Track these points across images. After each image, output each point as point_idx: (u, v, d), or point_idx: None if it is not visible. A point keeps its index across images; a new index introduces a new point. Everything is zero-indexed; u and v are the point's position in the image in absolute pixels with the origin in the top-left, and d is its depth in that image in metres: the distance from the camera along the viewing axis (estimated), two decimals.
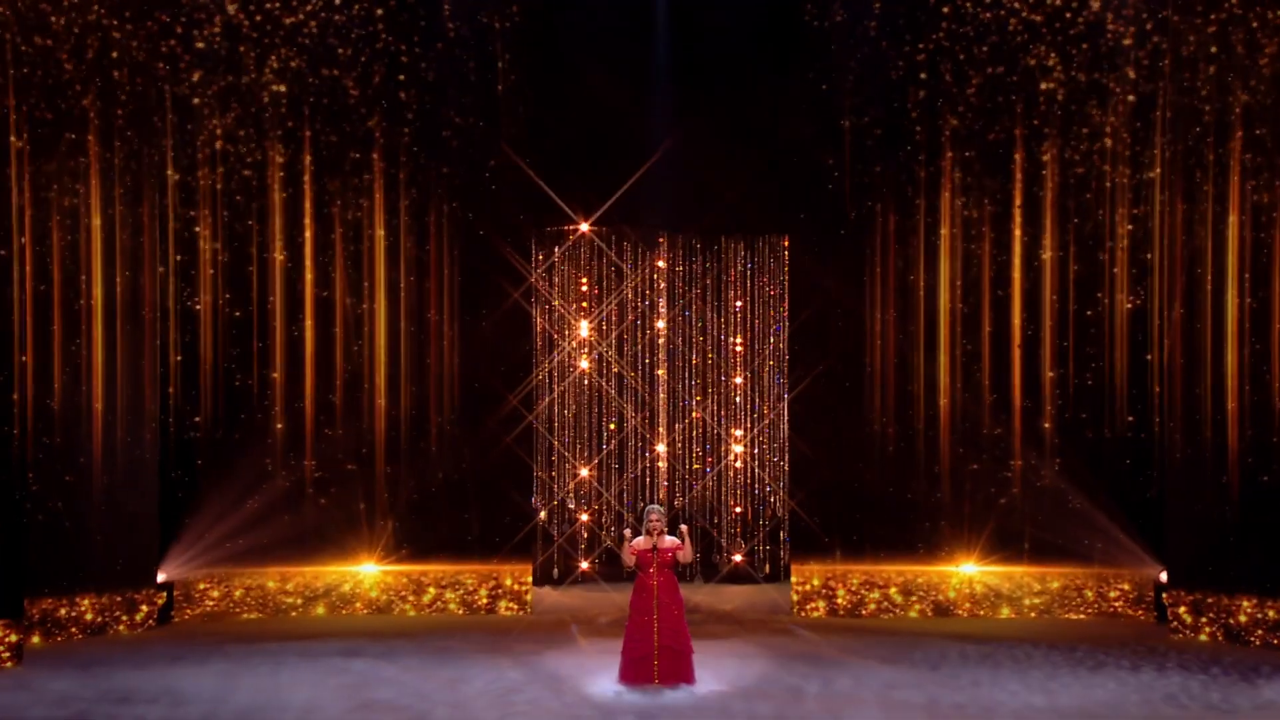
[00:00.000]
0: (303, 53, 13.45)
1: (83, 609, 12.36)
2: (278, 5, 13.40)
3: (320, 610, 13.76)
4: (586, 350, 14.93)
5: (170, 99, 13.20)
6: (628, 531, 10.21)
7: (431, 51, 13.64)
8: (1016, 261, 13.58)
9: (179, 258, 13.49)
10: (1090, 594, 13.53)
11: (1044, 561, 13.47)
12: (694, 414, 15.15)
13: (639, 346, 15.07)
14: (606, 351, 14.92)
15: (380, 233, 13.85)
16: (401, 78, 13.67)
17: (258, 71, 13.44)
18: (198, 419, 13.57)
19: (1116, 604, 13.51)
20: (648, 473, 15.07)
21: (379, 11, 13.53)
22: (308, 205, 13.75)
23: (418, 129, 13.70)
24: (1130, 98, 13.13)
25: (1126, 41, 13.07)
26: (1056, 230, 13.48)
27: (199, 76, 13.30)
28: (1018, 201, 13.49)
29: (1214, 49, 11.96)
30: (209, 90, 13.38)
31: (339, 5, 13.46)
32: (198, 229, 13.52)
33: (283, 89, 13.51)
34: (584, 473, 14.86)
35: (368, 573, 13.86)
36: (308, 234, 13.77)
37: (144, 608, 12.94)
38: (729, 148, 13.97)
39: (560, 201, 13.93)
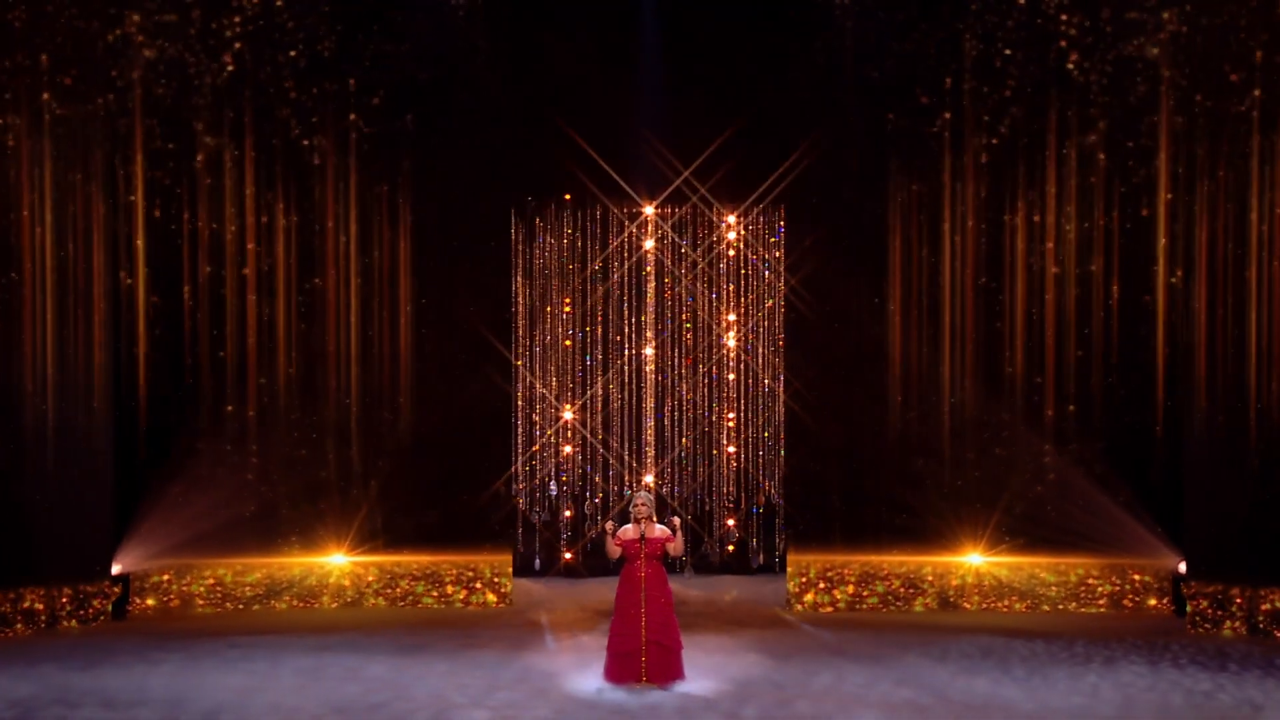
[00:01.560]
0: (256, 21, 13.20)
1: (29, 603, 12.22)
2: None
3: (285, 604, 13.69)
4: (569, 327, 14.87)
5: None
6: (610, 524, 10.12)
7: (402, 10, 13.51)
8: (1030, 240, 13.52)
9: (130, 235, 13.28)
10: (1105, 586, 13.52)
11: (1057, 552, 13.43)
12: (685, 394, 15.12)
13: (626, 323, 15.01)
14: (591, 330, 14.88)
15: (351, 207, 13.72)
16: (366, 37, 13.50)
17: (216, 39, 13.20)
18: (156, 402, 13.47)
19: (1133, 596, 13.50)
20: (633, 453, 15.02)
21: None
22: (269, 176, 13.60)
23: (387, 93, 13.52)
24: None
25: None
26: (1076, 206, 13.40)
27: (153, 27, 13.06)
28: (1035, 175, 13.41)
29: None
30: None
31: None
32: (151, 203, 13.34)
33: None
34: (567, 449, 14.82)
35: (336, 564, 13.78)
36: (267, 208, 13.64)
37: (97, 601, 12.82)
38: (721, 113, 13.89)
39: (539, 171, 13.89)
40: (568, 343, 14.84)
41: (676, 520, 10.03)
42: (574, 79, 13.81)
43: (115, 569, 13.12)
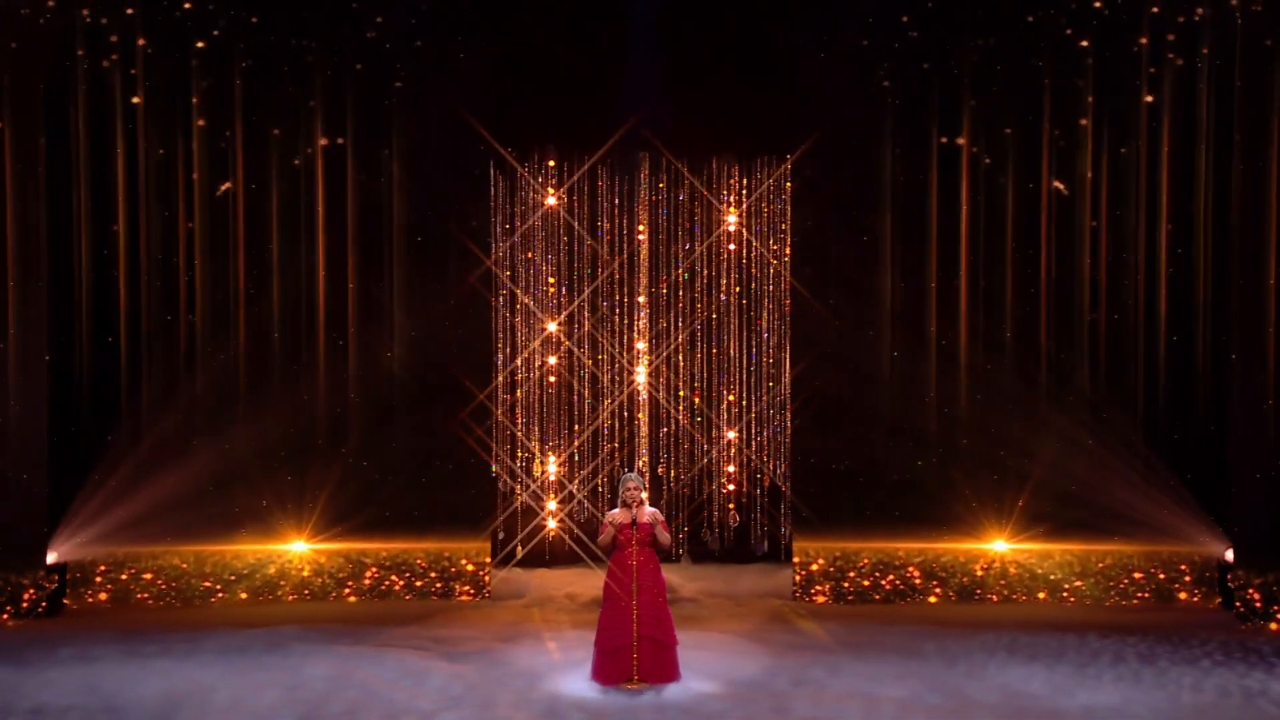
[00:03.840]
0: None
1: None
2: None
3: (242, 596, 13.63)
4: (557, 295, 14.79)
5: None
6: (617, 513, 9.99)
7: None
8: (1052, 194, 13.56)
9: (77, 193, 13.26)
10: (1142, 576, 13.45)
11: (1088, 538, 13.38)
12: (681, 370, 15.01)
13: (618, 289, 14.91)
14: (580, 302, 14.81)
15: (319, 166, 13.77)
16: None
17: None
18: (97, 374, 13.43)
19: (1173, 587, 13.41)
20: (626, 426, 14.99)
21: None
22: (238, 135, 13.69)
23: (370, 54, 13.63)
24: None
25: None
26: (1101, 160, 13.45)
27: None
28: (1057, 130, 13.48)
29: None
30: None
31: None
32: (102, 158, 13.37)
33: None
34: (552, 418, 14.80)
35: (298, 552, 13.72)
36: (237, 168, 13.71)
37: (30, 593, 12.74)
38: (721, 61, 13.93)
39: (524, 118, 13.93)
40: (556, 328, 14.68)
41: (655, 512, 10.03)
42: (562, 25, 13.87)
43: (51, 558, 13.02)
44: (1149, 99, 13.23)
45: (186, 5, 13.29)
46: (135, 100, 13.34)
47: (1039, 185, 13.56)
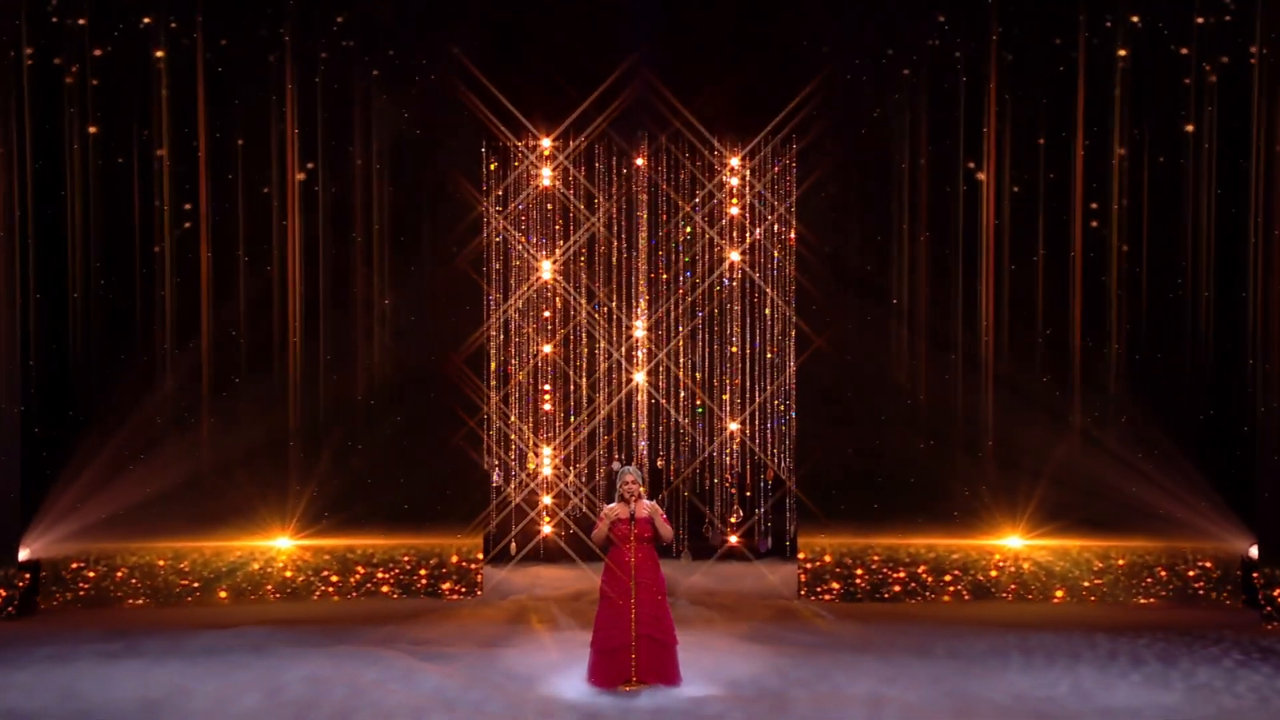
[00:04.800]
0: None
1: None
2: None
3: (223, 594, 13.61)
4: (553, 274, 14.82)
5: None
6: (614, 507, 9.96)
7: None
8: (1077, 168, 13.46)
9: (39, 163, 13.18)
10: (1163, 573, 13.45)
11: (1107, 534, 13.38)
12: (682, 358, 15.03)
13: (616, 271, 14.92)
14: (575, 277, 14.83)
15: (293, 131, 13.64)
16: None
17: None
18: (72, 365, 13.43)
19: (1196, 585, 13.40)
20: (624, 418, 15.01)
21: None
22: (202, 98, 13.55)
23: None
24: None
25: None
26: (1126, 130, 13.41)
27: None
28: (1081, 93, 13.34)
29: None
30: None
31: None
32: (64, 127, 13.27)
33: None
34: (547, 406, 14.80)
35: (281, 548, 13.70)
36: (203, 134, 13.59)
37: (1, 592, 12.72)
38: (723, 33, 13.91)
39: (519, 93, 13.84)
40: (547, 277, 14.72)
41: (654, 506, 9.99)
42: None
43: (23, 555, 12.99)
44: (1187, 82, 13.24)
45: None
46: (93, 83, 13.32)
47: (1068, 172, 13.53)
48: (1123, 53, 13.23)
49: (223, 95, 13.48)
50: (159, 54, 13.33)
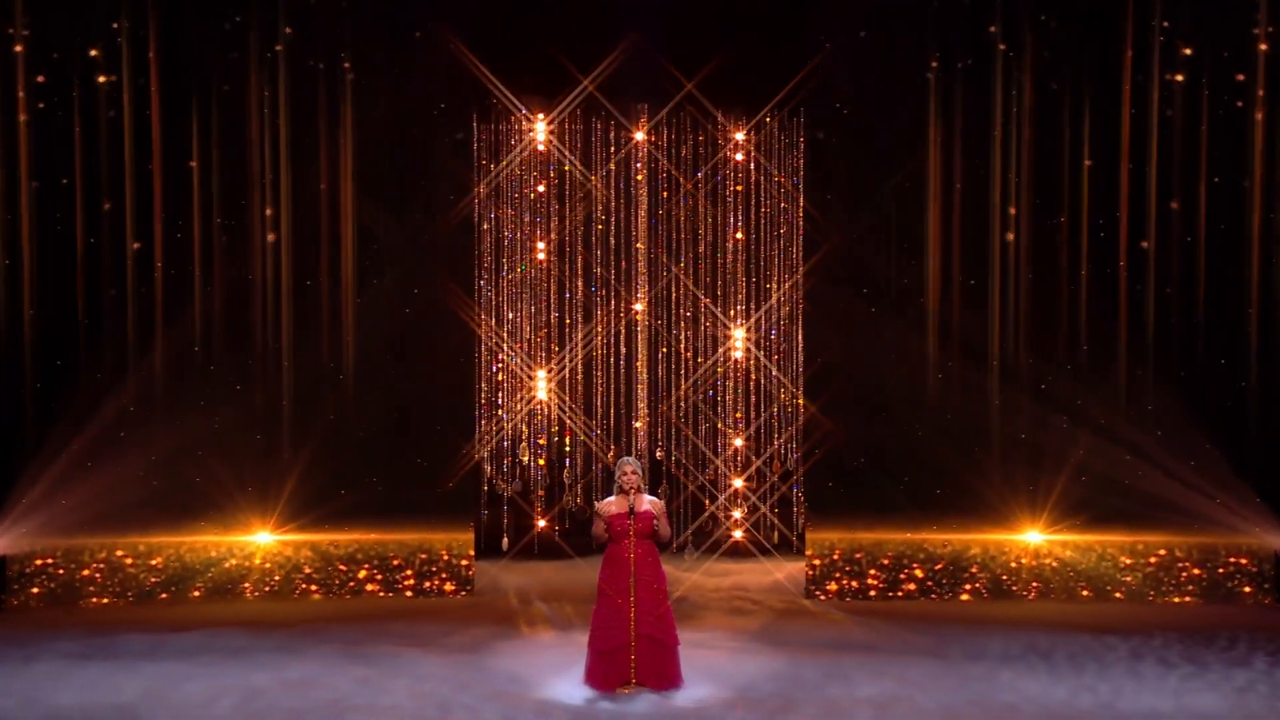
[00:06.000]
0: None
1: None
2: None
3: (196, 593, 13.59)
4: (549, 255, 14.86)
5: None
6: (612, 501, 9.95)
7: None
8: (1109, 141, 13.47)
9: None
10: (1194, 570, 13.48)
11: (1133, 529, 13.40)
12: (681, 346, 15.05)
13: (614, 251, 14.93)
14: (573, 255, 14.86)
15: (281, 110, 13.64)
16: None
17: None
18: (45, 349, 13.40)
19: (1229, 583, 13.44)
20: (623, 409, 15.04)
21: None
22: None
23: None
24: None
25: None
26: (1156, 105, 13.38)
27: None
28: (1114, 55, 13.35)
29: None
30: None
31: None
32: (18, 95, 13.22)
33: None
34: (541, 395, 14.84)
35: (260, 544, 13.68)
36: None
37: None
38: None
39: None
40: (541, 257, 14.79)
41: (656, 500, 9.99)
42: None
43: None
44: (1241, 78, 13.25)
45: None
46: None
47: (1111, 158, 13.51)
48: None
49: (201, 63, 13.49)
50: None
